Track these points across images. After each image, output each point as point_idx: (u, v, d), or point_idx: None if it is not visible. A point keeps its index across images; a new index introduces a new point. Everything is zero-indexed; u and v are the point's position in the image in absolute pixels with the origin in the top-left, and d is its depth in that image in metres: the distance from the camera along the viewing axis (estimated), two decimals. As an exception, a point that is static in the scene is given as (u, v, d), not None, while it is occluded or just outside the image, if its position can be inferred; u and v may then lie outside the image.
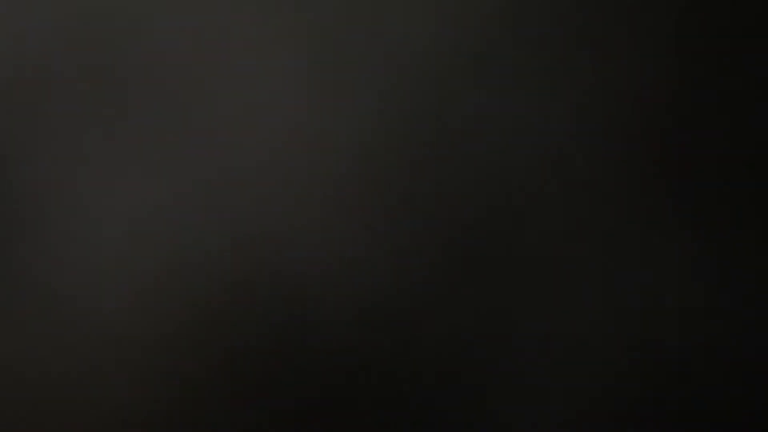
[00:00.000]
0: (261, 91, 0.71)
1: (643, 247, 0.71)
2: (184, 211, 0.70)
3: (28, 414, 0.69)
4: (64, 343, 0.69)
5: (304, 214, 0.70)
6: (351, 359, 0.70)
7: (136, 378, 0.70)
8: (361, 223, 0.71)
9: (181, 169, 0.70)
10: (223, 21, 0.71)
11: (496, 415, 0.70)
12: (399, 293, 0.70)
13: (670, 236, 0.71)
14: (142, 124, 0.70)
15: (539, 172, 0.71)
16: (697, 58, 0.72)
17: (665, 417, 0.70)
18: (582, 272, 0.70)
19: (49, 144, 0.70)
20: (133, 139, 0.70)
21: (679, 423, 0.70)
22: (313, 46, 0.71)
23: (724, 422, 0.70)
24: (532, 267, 0.70)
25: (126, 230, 0.70)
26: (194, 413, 0.70)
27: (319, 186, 0.71)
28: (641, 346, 0.70)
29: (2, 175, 0.70)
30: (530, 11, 0.71)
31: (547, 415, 0.70)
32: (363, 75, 0.71)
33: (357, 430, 0.70)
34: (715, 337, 0.70)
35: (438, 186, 0.71)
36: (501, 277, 0.70)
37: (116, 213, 0.70)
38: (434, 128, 0.71)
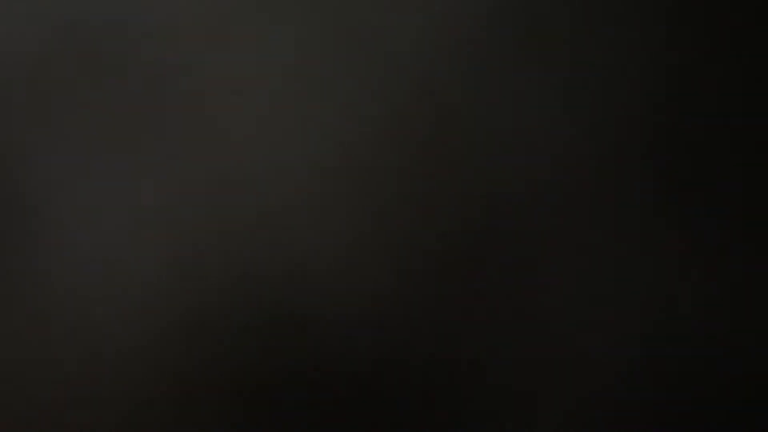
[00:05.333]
0: (259, 91, 0.71)
1: (643, 248, 0.71)
2: (183, 210, 0.70)
3: (27, 414, 0.69)
4: (62, 342, 0.70)
5: (303, 212, 0.71)
6: (349, 358, 0.70)
7: (135, 378, 0.70)
8: (359, 222, 0.71)
9: (179, 170, 0.71)
10: (221, 22, 0.71)
11: (495, 415, 0.70)
12: (398, 292, 0.70)
13: (668, 237, 0.71)
14: (141, 124, 0.71)
15: (537, 172, 0.71)
16: (693, 59, 0.72)
17: (663, 417, 0.70)
18: (581, 272, 0.71)
19: (48, 144, 0.70)
20: (132, 140, 0.70)
21: (677, 423, 0.70)
22: (313, 46, 0.71)
23: (721, 422, 0.70)
24: (530, 265, 0.71)
25: (124, 230, 0.70)
26: (193, 413, 0.70)
27: (318, 184, 0.71)
28: (640, 346, 0.70)
29: (2, 175, 0.70)
30: (529, 10, 0.72)
31: (546, 416, 0.70)
32: (361, 73, 0.71)
33: (356, 429, 0.70)
34: (714, 337, 0.71)
35: (436, 185, 0.71)
36: (500, 276, 0.70)
37: (115, 213, 0.70)
38: (433, 127, 0.71)
